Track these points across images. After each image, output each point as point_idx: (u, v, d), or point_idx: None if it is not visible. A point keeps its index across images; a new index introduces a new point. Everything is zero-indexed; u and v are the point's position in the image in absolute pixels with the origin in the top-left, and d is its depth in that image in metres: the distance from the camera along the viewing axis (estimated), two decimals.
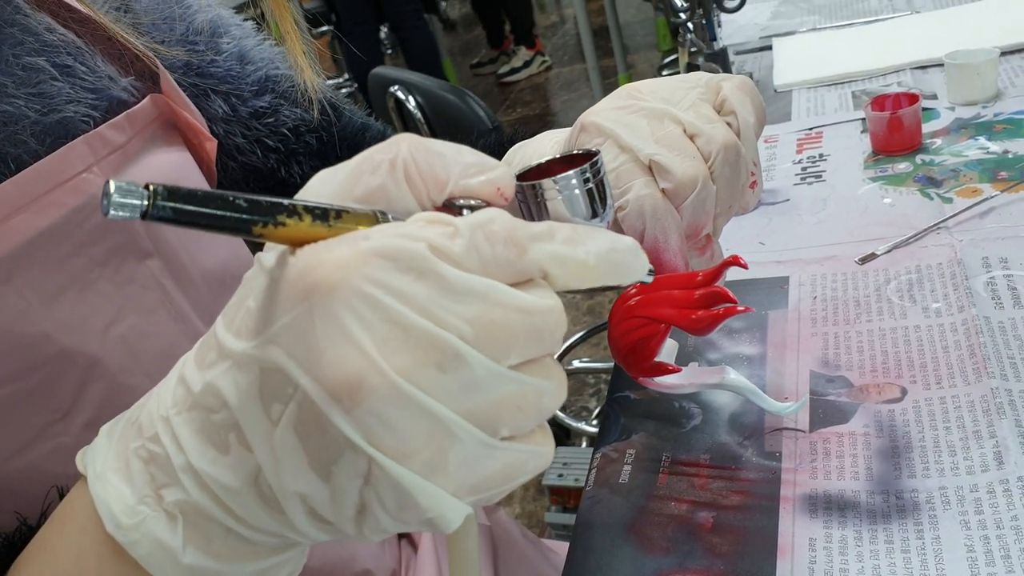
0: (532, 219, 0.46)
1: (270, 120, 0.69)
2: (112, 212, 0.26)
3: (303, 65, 0.63)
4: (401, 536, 0.73)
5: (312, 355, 0.29)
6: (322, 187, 0.34)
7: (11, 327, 0.47)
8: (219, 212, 0.28)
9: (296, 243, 0.30)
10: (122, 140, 0.54)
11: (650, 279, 0.35)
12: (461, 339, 0.29)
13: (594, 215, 0.46)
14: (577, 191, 0.45)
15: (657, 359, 0.52)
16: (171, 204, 0.27)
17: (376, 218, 0.32)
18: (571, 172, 0.45)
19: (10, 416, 0.47)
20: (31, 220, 0.48)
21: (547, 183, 0.45)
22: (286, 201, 0.30)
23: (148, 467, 0.34)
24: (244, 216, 0.28)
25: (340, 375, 0.28)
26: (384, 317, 0.29)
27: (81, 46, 0.56)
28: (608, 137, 0.53)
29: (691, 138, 0.52)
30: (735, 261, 0.49)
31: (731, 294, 0.48)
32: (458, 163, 0.34)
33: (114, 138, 0.54)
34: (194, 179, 0.60)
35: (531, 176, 0.46)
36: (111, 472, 0.35)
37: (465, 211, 0.33)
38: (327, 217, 0.30)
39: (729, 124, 0.53)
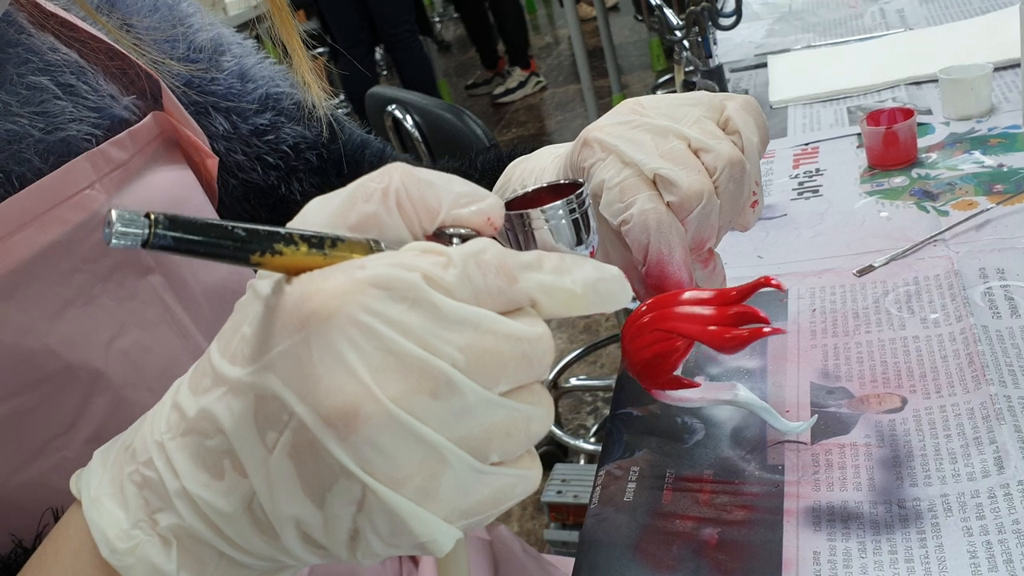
0: (519, 246, 0.48)
1: (271, 137, 0.69)
2: (114, 241, 0.26)
3: (310, 82, 0.64)
4: None
5: (308, 383, 0.29)
6: (317, 213, 0.34)
7: (15, 342, 0.47)
8: (218, 241, 0.28)
9: (292, 271, 0.31)
10: (124, 157, 0.55)
11: (634, 306, 0.36)
12: (454, 367, 0.30)
13: (579, 243, 0.47)
14: (563, 220, 0.47)
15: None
16: (171, 233, 0.27)
17: (370, 247, 0.32)
18: (558, 203, 0.46)
19: (14, 431, 0.47)
20: (35, 236, 0.48)
21: (535, 213, 0.46)
22: (283, 230, 0.30)
23: (142, 492, 0.34)
24: (242, 245, 0.29)
25: (336, 403, 0.29)
26: (379, 346, 0.29)
27: (83, 65, 0.56)
28: (611, 152, 0.53)
29: (696, 153, 0.52)
30: (767, 282, 0.49)
31: (762, 314, 0.48)
32: (449, 192, 0.35)
33: (116, 155, 0.54)
34: (196, 196, 0.60)
35: (518, 205, 0.48)
36: (105, 497, 0.35)
37: (455, 240, 0.34)
38: (323, 245, 0.31)
39: (733, 143, 0.53)
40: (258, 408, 0.31)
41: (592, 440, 2.05)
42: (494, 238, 0.34)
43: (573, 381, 2.29)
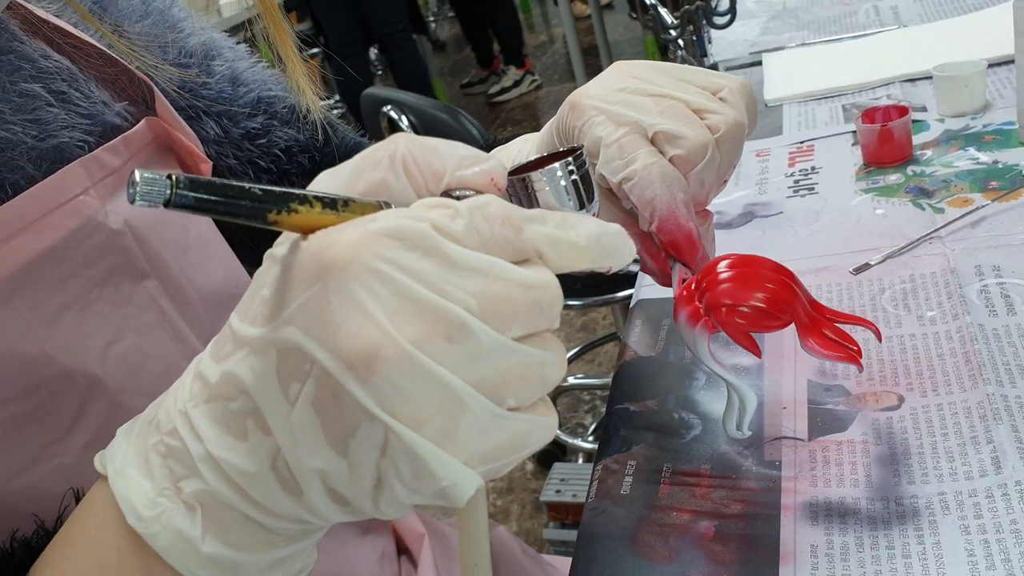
0: None
1: (262, 141, 0.69)
2: (138, 200, 0.28)
3: (304, 87, 0.64)
4: (400, 552, 0.73)
5: (328, 330, 0.30)
6: (327, 183, 0.36)
7: (11, 348, 0.47)
8: (236, 200, 0.30)
9: (307, 230, 0.32)
10: (118, 163, 0.55)
11: (636, 268, 0.37)
12: (467, 311, 0.30)
13: (581, 206, 0.48)
14: (563, 182, 0.47)
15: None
16: (192, 193, 0.29)
17: (380, 207, 0.34)
18: (556, 164, 0.47)
19: (11, 437, 0.47)
20: (29, 243, 0.48)
21: (535, 175, 0.47)
22: (298, 191, 0.31)
23: (167, 461, 0.35)
24: (259, 204, 0.30)
25: (356, 346, 0.30)
26: (395, 291, 0.30)
27: (76, 72, 0.56)
28: (604, 114, 0.53)
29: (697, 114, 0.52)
30: (867, 325, 0.52)
31: (858, 348, 0.50)
32: (453, 156, 0.36)
33: (110, 161, 0.54)
34: None
35: (520, 172, 0.49)
36: (131, 468, 0.36)
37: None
38: (336, 205, 0.32)
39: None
40: (280, 362, 0.31)
41: (590, 439, 2.05)
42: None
43: (571, 380, 2.29)
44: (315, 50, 3.88)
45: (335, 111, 4.42)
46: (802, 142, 1.03)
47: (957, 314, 0.64)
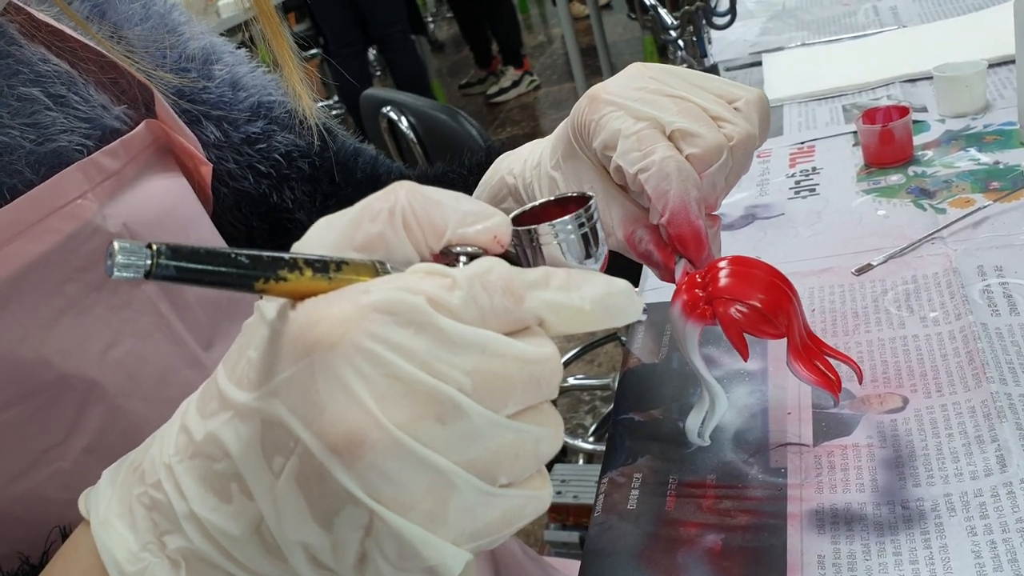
0: (527, 261, 0.47)
1: (262, 146, 0.69)
2: (117, 273, 0.26)
3: (301, 92, 0.63)
4: None
5: (313, 410, 0.29)
6: (323, 234, 0.34)
7: (9, 353, 0.46)
8: (221, 269, 0.28)
9: (297, 296, 0.31)
10: (117, 166, 0.54)
11: (644, 318, 0.36)
12: (460, 391, 0.29)
13: (588, 256, 0.47)
14: (573, 236, 0.46)
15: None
16: (174, 263, 0.27)
17: (375, 269, 0.32)
18: (567, 217, 0.45)
19: (8, 442, 0.46)
20: (27, 247, 0.48)
21: (544, 228, 0.45)
22: (287, 256, 0.30)
23: (151, 514, 0.34)
24: (246, 272, 0.29)
25: (341, 431, 0.29)
26: (384, 372, 0.29)
27: (74, 76, 0.56)
28: (622, 108, 0.53)
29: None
30: (855, 365, 0.52)
31: (838, 379, 0.50)
32: (456, 211, 0.35)
33: (108, 164, 0.54)
34: (190, 203, 0.60)
35: (526, 219, 0.47)
36: (114, 518, 0.35)
37: (462, 258, 0.34)
38: (327, 269, 0.31)
39: None
40: (264, 433, 0.31)
41: (591, 439, 2.05)
42: (502, 256, 0.34)
43: (571, 380, 2.29)
44: (313, 51, 3.89)
45: (334, 112, 4.42)
46: (803, 143, 1.02)
47: (960, 314, 0.64)
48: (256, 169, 0.68)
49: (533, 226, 0.46)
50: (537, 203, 0.49)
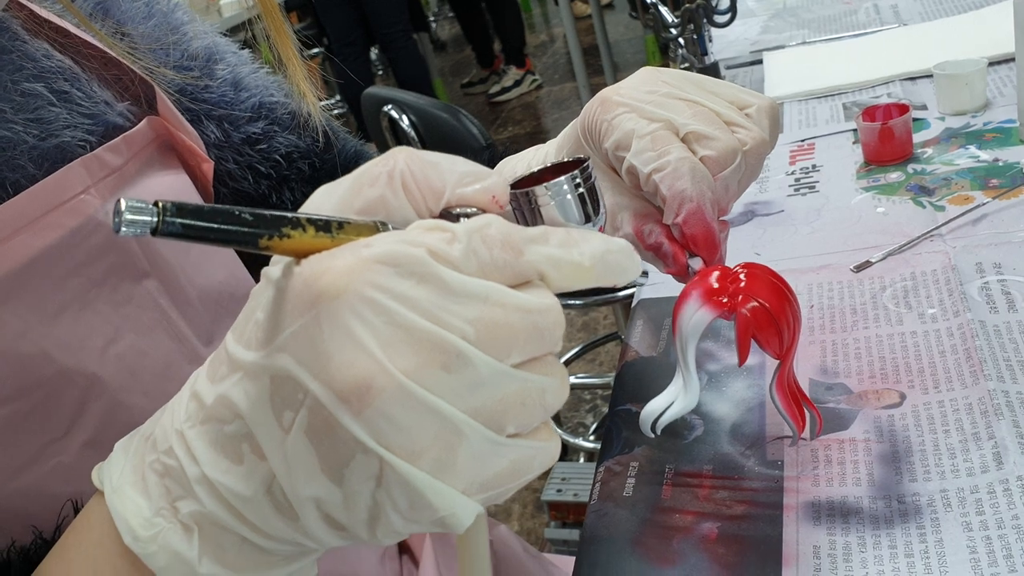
0: (526, 225, 0.46)
1: (263, 147, 0.69)
2: (124, 229, 0.27)
3: (305, 90, 0.64)
4: (402, 552, 0.73)
5: (320, 360, 0.29)
6: (323, 200, 0.35)
7: (10, 347, 0.47)
8: (226, 226, 0.29)
9: (301, 254, 0.31)
10: (119, 162, 0.55)
11: (644, 280, 0.36)
12: (464, 339, 0.30)
13: (587, 219, 0.47)
14: (569, 196, 0.46)
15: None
16: (180, 220, 0.28)
17: (377, 228, 0.33)
18: (562, 178, 0.46)
19: (9, 436, 0.47)
20: (29, 241, 0.48)
21: (539, 189, 0.46)
22: (290, 214, 0.31)
23: (163, 480, 0.34)
24: (250, 230, 0.29)
25: (349, 378, 0.29)
26: (389, 321, 0.29)
27: (78, 72, 0.56)
28: (634, 111, 0.53)
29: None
30: (819, 418, 0.53)
31: (803, 426, 0.52)
32: (453, 172, 0.35)
33: (111, 160, 0.54)
34: (191, 200, 0.60)
35: (524, 185, 0.47)
36: (128, 486, 0.35)
37: (462, 219, 0.34)
38: (330, 228, 0.31)
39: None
40: (273, 389, 0.31)
41: (591, 438, 2.05)
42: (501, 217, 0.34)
43: (572, 380, 2.29)
44: (316, 50, 3.89)
45: (335, 111, 4.42)
46: (803, 140, 1.03)
47: (958, 311, 0.64)
48: (256, 170, 0.68)
49: (530, 188, 0.46)
50: (535, 170, 0.49)
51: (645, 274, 0.36)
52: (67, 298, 0.50)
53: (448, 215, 0.35)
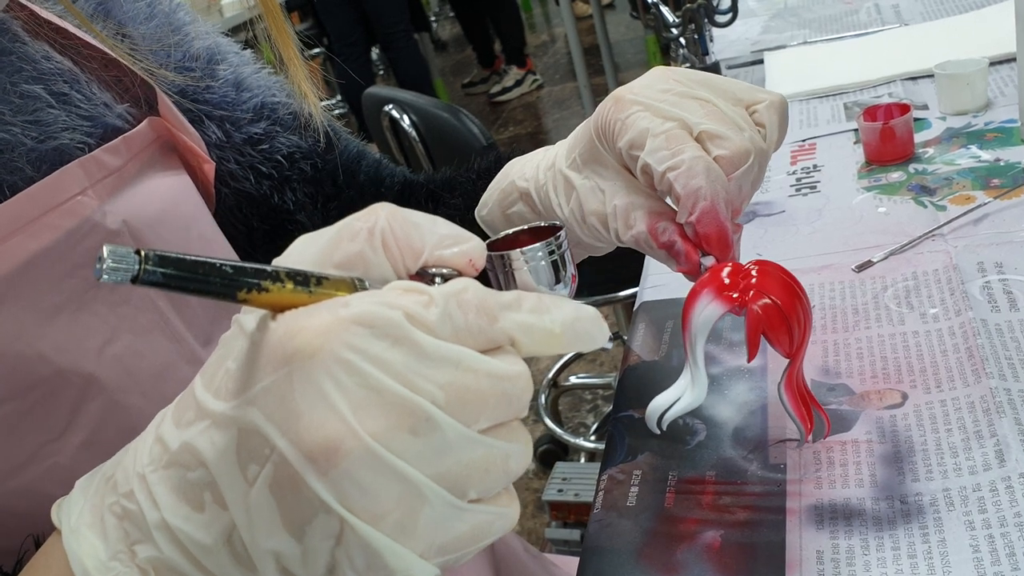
0: (500, 286, 0.50)
1: (265, 147, 0.69)
2: (105, 277, 0.27)
3: (306, 90, 0.64)
4: None
5: (290, 419, 0.30)
6: (304, 250, 0.35)
7: (7, 348, 0.46)
8: (206, 278, 0.29)
9: (278, 308, 0.31)
10: (118, 164, 0.54)
11: (611, 346, 0.37)
12: (434, 404, 0.30)
13: (557, 282, 0.49)
14: (543, 262, 0.48)
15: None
16: (160, 269, 0.28)
17: (354, 285, 0.33)
18: (537, 245, 0.48)
19: (6, 436, 0.46)
20: (26, 242, 0.48)
21: (515, 254, 0.48)
22: (269, 268, 0.31)
23: (122, 523, 0.34)
24: (229, 282, 0.30)
25: (318, 438, 0.29)
26: (362, 383, 0.30)
27: (77, 74, 0.56)
28: (648, 109, 0.53)
29: None
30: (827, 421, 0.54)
31: (811, 427, 0.53)
32: (433, 234, 0.35)
33: (110, 162, 0.54)
34: (192, 201, 0.60)
35: (500, 246, 0.50)
36: (85, 527, 0.35)
37: (438, 279, 0.35)
38: (308, 283, 0.32)
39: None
40: (240, 442, 0.31)
41: (592, 438, 2.05)
42: (476, 279, 0.34)
43: (573, 379, 2.29)
44: (317, 50, 3.89)
45: (336, 111, 4.42)
46: (804, 140, 1.02)
47: (960, 310, 0.64)
48: (258, 170, 0.68)
49: (505, 252, 0.48)
50: (511, 231, 0.52)
51: (613, 338, 0.37)
52: (64, 299, 0.49)
53: (425, 274, 0.35)
